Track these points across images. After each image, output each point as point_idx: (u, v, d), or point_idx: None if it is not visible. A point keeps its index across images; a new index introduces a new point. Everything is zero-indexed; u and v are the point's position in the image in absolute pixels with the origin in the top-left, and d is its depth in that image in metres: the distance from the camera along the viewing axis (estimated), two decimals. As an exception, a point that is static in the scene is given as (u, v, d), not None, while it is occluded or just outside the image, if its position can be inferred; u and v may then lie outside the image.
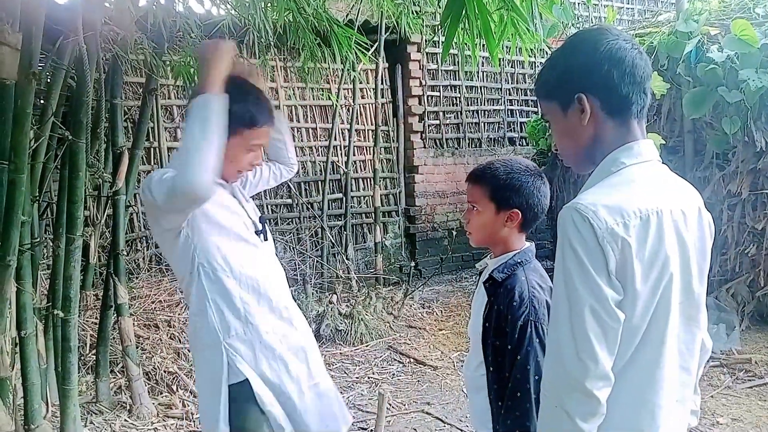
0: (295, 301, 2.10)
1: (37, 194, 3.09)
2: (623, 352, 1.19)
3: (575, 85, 1.27)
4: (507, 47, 5.19)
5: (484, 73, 7.56)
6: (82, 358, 3.92)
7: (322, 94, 6.37)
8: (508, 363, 1.62)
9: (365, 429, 3.59)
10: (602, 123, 1.27)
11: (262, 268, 1.94)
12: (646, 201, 1.20)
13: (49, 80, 2.93)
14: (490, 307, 1.70)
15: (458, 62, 7.24)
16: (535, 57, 7.27)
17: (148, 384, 3.82)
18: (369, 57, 4.52)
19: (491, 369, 1.69)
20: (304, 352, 1.97)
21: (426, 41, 6.86)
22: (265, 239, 2.00)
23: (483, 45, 2.23)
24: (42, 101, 2.92)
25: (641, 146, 1.27)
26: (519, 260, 1.73)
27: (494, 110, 7.70)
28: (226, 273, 1.83)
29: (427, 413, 3.79)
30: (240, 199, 1.99)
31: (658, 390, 1.23)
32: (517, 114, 7.88)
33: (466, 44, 2.57)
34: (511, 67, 7.80)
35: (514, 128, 7.87)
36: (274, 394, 1.86)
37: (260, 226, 1.98)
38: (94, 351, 3.82)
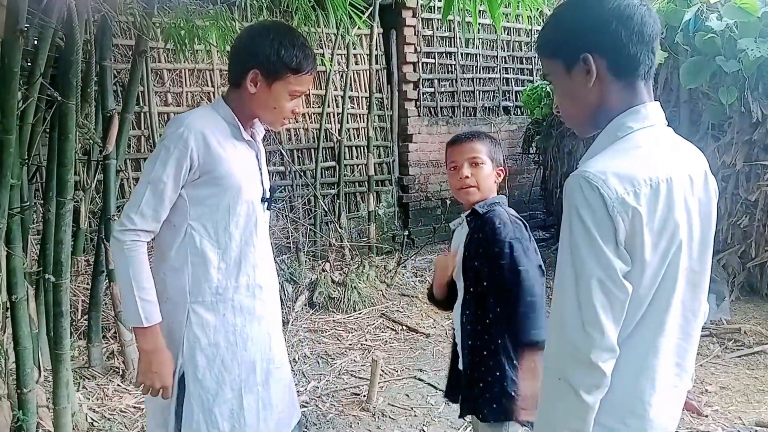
0: (288, 269, 2.07)
1: (26, 157, 3.02)
2: (628, 322, 1.17)
3: (581, 44, 1.21)
4: (505, 14, 5.12)
5: (481, 41, 7.46)
6: (74, 323, 3.90)
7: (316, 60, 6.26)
8: (505, 279, 1.86)
9: (358, 394, 3.61)
10: (608, 85, 1.22)
11: (252, 238, 1.89)
12: (656, 168, 1.16)
13: (36, 40, 2.85)
14: (471, 236, 1.96)
15: (454, 29, 7.13)
16: (532, 24, 7.17)
17: (141, 349, 3.81)
18: (364, 20, 4.42)
19: (471, 290, 1.95)
20: (268, 336, 1.95)
21: (422, 6, 6.74)
22: (268, 209, 1.95)
23: (481, 11, 2.17)
24: (29, 63, 2.84)
25: (648, 109, 1.23)
26: (497, 201, 2.01)
27: (490, 78, 7.61)
28: (212, 242, 1.81)
29: (419, 379, 3.82)
30: (260, 162, 1.94)
31: (659, 357, 1.21)
32: (513, 83, 7.80)
33: (467, 10, 2.51)
34: (508, 34, 7.69)
35: (509, 97, 7.80)
36: (224, 367, 1.85)
37: (267, 195, 1.93)
38: (85, 317, 3.81)
